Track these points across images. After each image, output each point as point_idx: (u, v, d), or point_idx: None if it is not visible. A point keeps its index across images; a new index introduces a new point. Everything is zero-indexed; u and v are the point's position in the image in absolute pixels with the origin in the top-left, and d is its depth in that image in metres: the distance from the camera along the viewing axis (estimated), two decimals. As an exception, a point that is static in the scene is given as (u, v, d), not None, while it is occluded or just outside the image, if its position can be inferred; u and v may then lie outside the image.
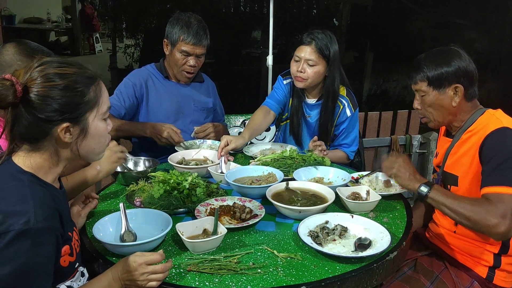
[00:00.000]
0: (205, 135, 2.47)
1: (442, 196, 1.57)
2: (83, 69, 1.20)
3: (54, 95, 1.13)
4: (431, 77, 1.68)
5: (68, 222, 1.22)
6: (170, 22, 2.39)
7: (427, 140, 4.00)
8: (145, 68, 2.54)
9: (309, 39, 2.27)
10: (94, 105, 1.21)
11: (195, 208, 1.66)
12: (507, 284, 1.70)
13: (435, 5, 9.36)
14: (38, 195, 1.11)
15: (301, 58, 2.29)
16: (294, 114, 2.49)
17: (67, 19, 10.73)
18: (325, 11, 8.75)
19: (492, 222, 1.45)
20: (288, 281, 1.29)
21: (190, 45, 2.33)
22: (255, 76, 6.71)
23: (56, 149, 1.19)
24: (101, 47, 11.15)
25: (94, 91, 1.21)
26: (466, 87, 1.68)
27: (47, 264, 1.09)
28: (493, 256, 1.69)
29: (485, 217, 1.46)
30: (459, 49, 1.73)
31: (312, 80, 2.32)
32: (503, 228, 1.44)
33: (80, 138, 1.20)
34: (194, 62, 2.39)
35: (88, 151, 1.24)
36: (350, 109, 2.43)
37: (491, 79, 7.73)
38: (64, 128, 1.16)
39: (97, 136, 1.24)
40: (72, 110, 1.16)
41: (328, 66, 2.31)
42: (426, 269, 1.77)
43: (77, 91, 1.16)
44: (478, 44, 8.34)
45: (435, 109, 1.73)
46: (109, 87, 7.23)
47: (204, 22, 2.40)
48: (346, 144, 2.50)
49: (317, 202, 1.72)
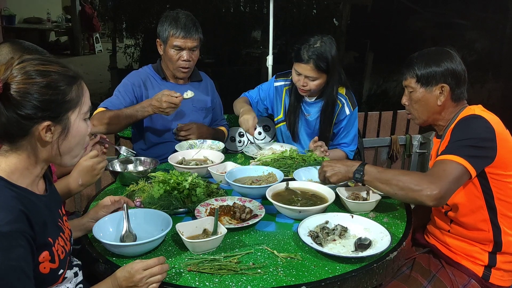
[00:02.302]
0: (186, 134, 2.43)
1: (375, 171, 1.62)
2: (65, 68, 1.19)
3: (35, 92, 1.11)
4: (420, 74, 1.75)
5: (49, 227, 1.19)
6: (160, 21, 2.40)
7: (427, 140, 4.00)
8: (143, 69, 2.53)
9: (307, 57, 2.24)
10: (76, 105, 1.20)
11: (195, 208, 1.67)
12: (504, 282, 1.71)
13: (435, 5, 9.36)
14: (1, 199, 1.08)
15: (301, 73, 2.30)
16: (292, 112, 2.50)
17: (67, 19, 10.72)
18: (325, 11, 8.73)
19: (423, 186, 1.48)
20: (288, 281, 1.29)
21: (181, 38, 2.32)
22: (255, 76, 6.70)
23: (35, 149, 1.17)
24: (101, 47, 11.15)
25: (76, 90, 1.20)
26: (452, 88, 1.73)
27: (23, 267, 1.06)
28: (488, 255, 1.70)
29: (417, 182, 1.50)
30: (452, 51, 1.78)
31: (315, 90, 2.37)
32: (436, 191, 1.46)
33: (61, 137, 1.19)
34: (188, 56, 2.37)
35: (67, 152, 1.22)
36: (349, 107, 2.44)
37: (491, 80, 7.73)
38: (45, 127, 1.14)
39: (78, 136, 1.23)
40: (53, 109, 1.14)
41: (328, 75, 2.33)
42: (424, 268, 1.78)
43: (59, 90, 1.15)
44: (479, 44, 8.33)
45: (420, 106, 1.79)
46: (109, 87, 7.23)
47: (193, 16, 2.40)
48: (345, 143, 2.51)
49: (317, 202, 1.72)
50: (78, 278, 1.38)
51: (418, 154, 4.06)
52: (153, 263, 1.25)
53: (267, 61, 3.30)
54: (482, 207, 1.66)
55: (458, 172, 1.51)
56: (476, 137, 1.58)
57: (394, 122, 4.03)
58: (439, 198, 1.47)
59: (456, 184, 1.52)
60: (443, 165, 1.53)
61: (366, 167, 1.65)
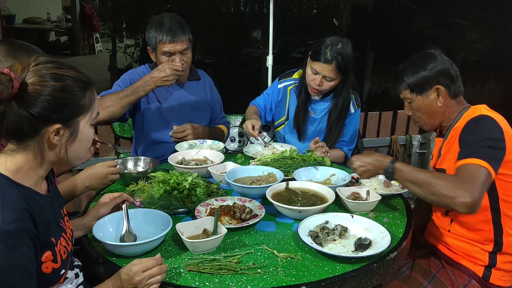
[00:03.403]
0: (183, 136, 2.41)
1: (407, 170, 1.59)
2: (80, 74, 1.21)
3: (50, 95, 1.13)
4: (411, 83, 1.77)
5: (52, 227, 1.20)
6: (147, 28, 2.34)
7: (427, 140, 4.01)
8: (140, 68, 2.51)
9: (330, 58, 2.21)
10: (88, 110, 1.22)
11: (195, 208, 1.66)
12: (505, 283, 1.71)
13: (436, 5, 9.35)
14: (7, 197, 1.09)
15: (319, 73, 2.28)
16: (301, 111, 2.49)
17: (67, 19, 10.71)
18: (325, 11, 8.74)
19: (457, 193, 1.43)
20: (288, 281, 1.29)
21: (168, 43, 2.27)
22: (255, 76, 6.70)
23: (42, 151, 1.18)
24: (101, 47, 11.15)
25: (89, 96, 1.22)
26: (447, 86, 1.74)
27: (27, 266, 1.07)
28: (488, 255, 1.70)
29: (451, 188, 1.45)
30: (436, 51, 1.79)
31: (328, 90, 2.37)
32: (469, 199, 1.42)
33: (69, 141, 1.20)
34: (180, 60, 2.32)
35: (74, 155, 1.24)
36: (354, 106, 2.46)
37: (492, 80, 7.73)
38: (55, 130, 1.15)
39: (85, 141, 1.25)
40: (66, 112, 1.16)
41: (344, 77, 2.33)
42: (424, 268, 1.78)
43: (74, 94, 1.17)
44: (479, 45, 8.34)
45: (423, 113, 1.80)
46: (108, 87, 7.22)
47: (178, 17, 2.33)
48: (344, 142, 2.51)
49: (317, 202, 1.72)
50: (79, 279, 1.38)
51: (418, 154, 4.07)
52: (151, 264, 1.25)
53: (267, 61, 3.31)
54: (485, 208, 1.65)
55: (484, 175, 1.48)
56: (490, 137, 1.56)
57: (394, 122, 4.04)
58: (472, 206, 1.43)
59: (485, 188, 1.49)
60: (470, 170, 1.49)
61: (396, 165, 1.61)
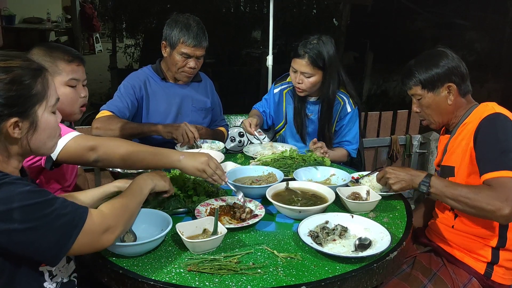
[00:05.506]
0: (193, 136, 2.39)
1: (442, 185, 1.60)
2: (29, 62, 1.17)
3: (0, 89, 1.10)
4: (424, 80, 1.77)
5: None
6: (168, 24, 2.37)
7: (427, 140, 4.01)
8: (142, 70, 2.52)
9: (302, 52, 2.28)
10: (43, 98, 1.18)
11: (195, 208, 1.66)
12: (506, 281, 1.71)
13: (435, 5, 9.37)
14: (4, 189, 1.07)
15: (297, 70, 2.33)
16: (297, 115, 2.51)
17: (67, 19, 10.70)
18: (325, 11, 8.75)
19: (496, 206, 1.47)
20: (288, 281, 1.29)
21: (191, 47, 2.32)
22: (255, 76, 6.70)
23: (5, 146, 1.16)
24: (101, 47, 11.15)
25: (42, 83, 1.18)
26: (458, 84, 1.75)
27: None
28: (491, 251, 1.70)
29: (488, 202, 1.49)
30: (446, 49, 1.81)
31: (311, 89, 2.38)
32: (508, 211, 1.46)
33: (30, 132, 1.17)
34: (194, 64, 2.38)
35: (39, 145, 1.21)
36: (350, 105, 2.46)
37: (491, 80, 7.74)
38: (13, 124, 1.13)
39: (48, 129, 1.21)
40: (20, 104, 1.13)
41: (324, 73, 2.33)
42: (424, 266, 1.78)
43: (24, 84, 1.14)
44: (478, 45, 8.35)
45: (433, 110, 1.81)
46: (109, 87, 7.23)
47: (202, 23, 2.39)
48: (348, 142, 2.52)
49: (317, 202, 1.72)
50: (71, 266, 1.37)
51: (418, 154, 4.07)
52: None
53: (267, 61, 3.31)
54: None
55: None
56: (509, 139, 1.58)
57: (394, 122, 4.04)
58: (510, 216, 1.48)
59: None
60: (502, 183, 1.51)
61: (433, 179, 1.62)
